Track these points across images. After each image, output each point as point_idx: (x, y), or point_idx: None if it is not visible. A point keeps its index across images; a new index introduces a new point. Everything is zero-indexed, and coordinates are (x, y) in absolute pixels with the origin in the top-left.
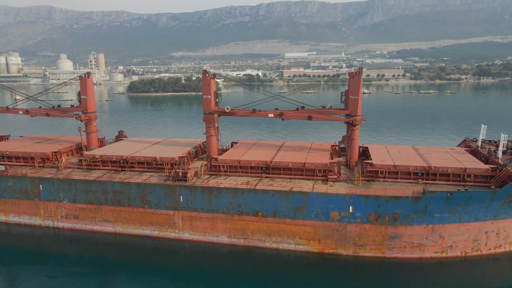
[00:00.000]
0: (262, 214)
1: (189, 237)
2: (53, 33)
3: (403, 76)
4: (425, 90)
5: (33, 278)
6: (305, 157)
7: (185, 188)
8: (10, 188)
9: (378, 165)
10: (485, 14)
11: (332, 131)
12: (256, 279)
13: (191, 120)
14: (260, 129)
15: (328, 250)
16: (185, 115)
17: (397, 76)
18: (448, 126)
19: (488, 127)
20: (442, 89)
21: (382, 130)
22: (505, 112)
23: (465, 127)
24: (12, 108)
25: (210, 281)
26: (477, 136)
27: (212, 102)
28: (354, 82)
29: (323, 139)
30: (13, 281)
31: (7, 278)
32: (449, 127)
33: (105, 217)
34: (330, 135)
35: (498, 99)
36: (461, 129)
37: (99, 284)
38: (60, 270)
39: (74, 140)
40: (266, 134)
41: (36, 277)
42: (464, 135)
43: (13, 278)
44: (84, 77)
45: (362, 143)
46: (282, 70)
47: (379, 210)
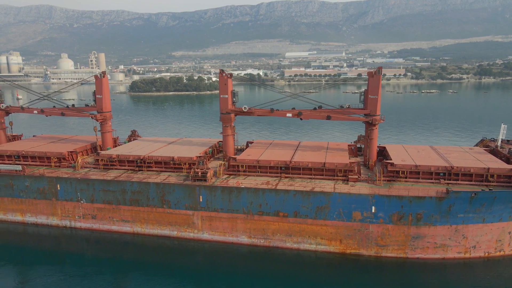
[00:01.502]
0: (283, 214)
1: (209, 237)
2: (53, 33)
3: (404, 76)
4: (427, 90)
5: (50, 277)
6: (324, 157)
7: (205, 188)
8: (27, 188)
9: (399, 165)
10: (486, 14)
11: (338, 131)
12: (277, 279)
13: (195, 120)
14: (263, 129)
15: (349, 251)
16: (188, 115)
17: (399, 75)
18: (456, 125)
19: (493, 126)
20: (444, 88)
21: (389, 130)
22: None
23: (471, 126)
24: (27, 107)
25: (229, 281)
26: (491, 135)
27: (229, 101)
28: (373, 81)
29: (331, 139)
30: (31, 281)
31: (24, 278)
32: (460, 127)
33: (123, 217)
34: (338, 134)
35: (501, 98)
36: (468, 128)
37: (117, 284)
38: (78, 270)
39: (88, 139)
40: (270, 134)
41: (53, 276)
42: (472, 134)
43: (30, 277)
44: (99, 76)
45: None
46: (283, 70)
47: (402, 211)
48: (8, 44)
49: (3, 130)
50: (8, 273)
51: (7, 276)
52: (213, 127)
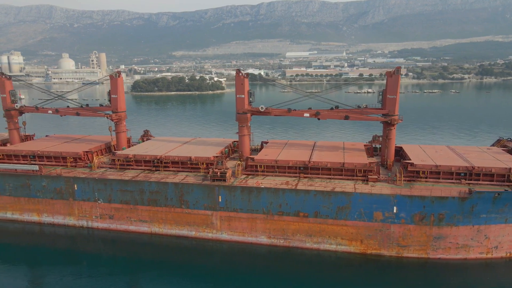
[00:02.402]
0: (303, 214)
1: (227, 237)
2: (53, 32)
3: (405, 76)
4: (429, 90)
5: (66, 277)
6: (342, 157)
7: (224, 188)
8: (44, 188)
9: (419, 165)
10: (486, 13)
11: (347, 131)
12: (296, 280)
13: (200, 119)
14: (272, 129)
15: (370, 251)
16: (192, 115)
17: (400, 75)
18: (463, 125)
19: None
20: (446, 88)
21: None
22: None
23: (478, 126)
24: (41, 107)
25: (248, 281)
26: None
27: (245, 101)
28: (392, 81)
29: (342, 139)
30: (47, 281)
31: (40, 278)
32: (466, 127)
33: (141, 217)
34: (349, 134)
35: (503, 98)
36: (475, 128)
37: (134, 284)
38: (94, 270)
39: (102, 139)
40: (281, 134)
41: (69, 276)
42: (480, 134)
43: (46, 277)
44: (114, 76)
45: None
46: (284, 70)
47: (424, 211)
48: (9, 44)
49: (17, 130)
50: (24, 273)
51: (24, 276)
52: (219, 126)
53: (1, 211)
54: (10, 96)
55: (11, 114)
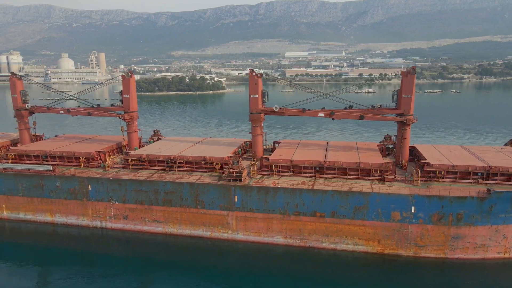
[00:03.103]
0: (320, 214)
1: (243, 237)
2: (52, 32)
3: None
4: (429, 90)
5: (80, 278)
6: (358, 157)
7: (240, 188)
8: (58, 188)
9: (435, 165)
10: (485, 14)
11: (351, 130)
12: (313, 280)
13: (203, 119)
14: (276, 128)
15: (388, 251)
16: (195, 114)
17: (400, 75)
18: (467, 125)
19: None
20: (446, 88)
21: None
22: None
23: (479, 126)
24: (53, 107)
25: (264, 281)
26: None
27: (259, 101)
28: (407, 81)
29: (350, 138)
30: (60, 281)
31: (54, 278)
32: (469, 126)
33: (156, 218)
34: (356, 134)
35: (503, 98)
36: (478, 128)
37: (149, 284)
38: (108, 270)
39: (113, 139)
40: (286, 133)
41: (83, 277)
42: (484, 133)
43: (59, 277)
44: (127, 76)
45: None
46: (284, 69)
47: (443, 211)
48: (7, 44)
49: (27, 130)
50: (37, 273)
51: (37, 277)
52: (225, 127)
53: (14, 212)
54: (21, 96)
55: (21, 114)
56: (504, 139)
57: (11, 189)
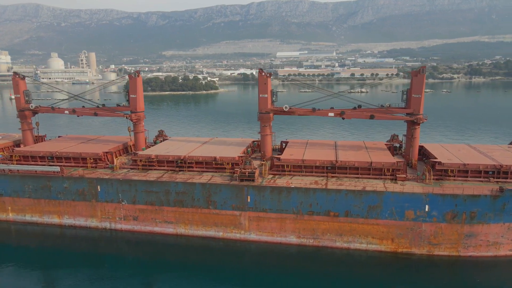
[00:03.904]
0: (334, 213)
1: (256, 237)
2: (40, 31)
3: (396, 75)
4: None
5: (89, 279)
6: (368, 156)
7: (253, 188)
8: (66, 190)
9: (447, 164)
10: (473, 14)
11: (354, 130)
12: (327, 279)
13: (200, 119)
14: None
15: (401, 249)
16: (189, 114)
17: (391, 75)
18: (463, 124)
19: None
20: (436, 88)
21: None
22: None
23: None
24: (58, 107)
25: (278, 281)
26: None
27: (268, 101)
28: (417, 80)
29: (353, 138)
30: (68, 283)
31: (61, 281)
32: (465, 126)
33: (167, 218)
34: (359, 133)
35: (493, 97)
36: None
37: (160, 286)
38: (118, 272)
39: (118, 139)
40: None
41: (92, 278)
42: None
43: (67, 280)
44: (134, 76)
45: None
46: (276, 69)
47: (456, 209)
48: None
49: (30, 130)
50: (44, 276)
51: (44, 279)
52: (224, 126)
53: (20, 214)
54: (24, 96)
55: (25, 115)
56: (503, 137)
57: (17, 191)
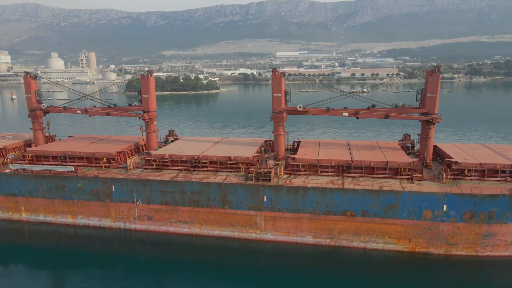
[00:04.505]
0: (351, 213)
1: (272, 237)
2: (39, 31)
3: (397, 75)
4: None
5: (102, 279)
6: (383, 156)
7: (270, 188)
8: (80, 190)
9: (463, 164)
10: (472, 14)
11: (364, 129)
12: (343, 279)
13: (203, 119)
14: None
15: (418, 249)
16: (191, 114)
17: (391, 75)
18: (461, 124)
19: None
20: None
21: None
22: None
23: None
24: (69, 107)
25: (294, 281)
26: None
27: (282, 100)
28: (432, 80)
29: (361, 138)
30: (82, 283)
31: (75, 280)
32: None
33: (181, 218)
34: (368, 133)
35: (494, 97)
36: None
37: (174, 286)
38: (132, 272)
39: (129, 139)
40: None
41: (105, 278)
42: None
43: (81, 280)
44: (146, 75)
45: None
46: (277, 69)
47: (475, 209)
48: None
49: (41, 130)
50: (58, 275)
51: (58, 279)
52: (227, 126)
53: (33, 214)
54: (36, 96)
55: (36, 115)
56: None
57: (30, 191)
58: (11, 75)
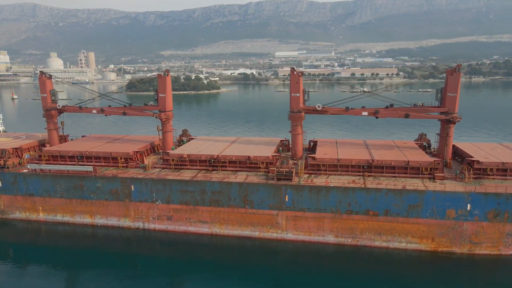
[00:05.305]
0: (373, 213)
1: (293, 237)
2: (37, 31)
3: (397, 75)
4: (423, 89)
5: (121, 279)
6: (403, 155)
7: (291, 187)
8: (99, 189)
9: (485, 163)
10: (471, 14)
11: (374, 129)
12: (365, 278)
13: (205, 119)
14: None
15: (442, 248)
16: (194, 114)
17: (391, 75)
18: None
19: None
20: (437, 87)
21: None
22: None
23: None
24: (85, 107)
25: (315, 280)
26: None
27: (300, 100)
28: (452, 79)
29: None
30: (102, 283)
31: (94, 280)
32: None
33: (201, 218)
34: (377, 132)
35: (494, 96)
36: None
37: (195, 286)
38: (151, 271)
39: (144, 139)
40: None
41: (125, 278)
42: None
43: (101, 279)
44: (163, 75)
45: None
46: (277, 69)
47: (499, 208)
48: None
49: (56, 130)
50: (76, 275)
51: (76, 279)
52: (232, 125)
53: (51, 214)
54: (51, 96)
55: (51, 114)
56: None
57: (48, 191)
58: (10, 75)
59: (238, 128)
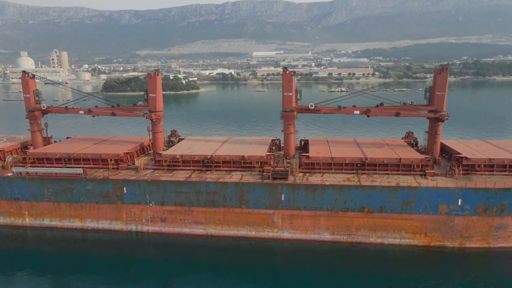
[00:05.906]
0: (368, 210)
1: (289, 236)
2: (6, 30)
3: (372, 75)
4: (398, 89)
5: (114, 283)
6: (394, 152)
7: (287, 186)
8: (89, 192)
9: (473, 159)
10: (441, 16)
11: (362, 127)
12: (360, 274)
13: (185, 119)
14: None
15: (434, 243)
16: (177, 114)
17: (367, 74)
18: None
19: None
20: (411, 87)
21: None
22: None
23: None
24: (71, 108)
25: (312, 278)
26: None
27: (293, 99)
28: (441, 78)
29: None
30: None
31: (86, 286)
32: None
33: (196, 219)
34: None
35: (464, 96)
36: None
37: (189, 287)
38: (145, 274)
39: (133, 140)
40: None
41: (117, 282)
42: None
43: (93, 284)
44: (153, 74)
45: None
46: (255, 69)
47: (488, 202)
48: None
49: (40, 132)
50: (66, 281)
51: (65, 285)
52: (218, 126)
53: (38, 218)
54: (34, 96)
55: (34, 115)
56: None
57: (35, 195)
58: None
59: (226, 128)
